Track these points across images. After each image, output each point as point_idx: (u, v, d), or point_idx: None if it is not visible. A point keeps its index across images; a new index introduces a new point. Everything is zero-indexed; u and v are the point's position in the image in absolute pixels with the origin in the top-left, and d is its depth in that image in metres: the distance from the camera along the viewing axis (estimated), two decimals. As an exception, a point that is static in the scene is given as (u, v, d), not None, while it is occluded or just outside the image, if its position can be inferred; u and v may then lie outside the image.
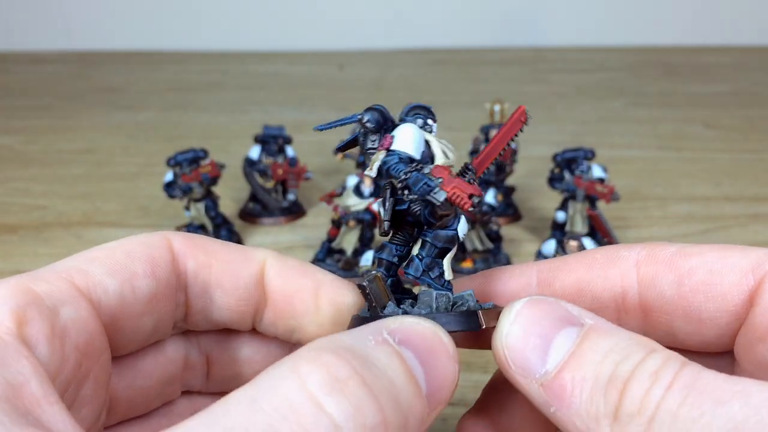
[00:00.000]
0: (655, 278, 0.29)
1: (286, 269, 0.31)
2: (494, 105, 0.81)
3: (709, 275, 0.28)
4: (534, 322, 0.25)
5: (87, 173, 0.92)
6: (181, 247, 0.30)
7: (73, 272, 0.26)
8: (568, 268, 0.31)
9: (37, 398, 0.21)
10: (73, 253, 0.28)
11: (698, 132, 1.08)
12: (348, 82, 1.40)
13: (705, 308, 0.28)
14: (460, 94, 1.30)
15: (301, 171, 0.78)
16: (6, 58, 1.56)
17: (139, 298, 0.28)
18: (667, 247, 0.29)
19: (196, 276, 0.30)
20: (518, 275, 0.32)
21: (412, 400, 0.23)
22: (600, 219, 0.67)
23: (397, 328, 0.24)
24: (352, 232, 0.68)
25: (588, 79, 1.40)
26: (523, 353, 0.25)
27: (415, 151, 0.27)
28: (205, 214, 0.71)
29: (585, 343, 0.24)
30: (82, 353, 0.25)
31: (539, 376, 0.24)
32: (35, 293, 0.24)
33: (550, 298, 0.26)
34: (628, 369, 0.22)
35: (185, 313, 0.31)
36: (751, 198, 0.83)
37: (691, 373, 0.22)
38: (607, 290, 0.30)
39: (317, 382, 0.20)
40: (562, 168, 0.71)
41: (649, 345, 0.24)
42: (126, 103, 1.25)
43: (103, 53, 1.60)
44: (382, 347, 0.23)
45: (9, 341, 0.22)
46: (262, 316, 0.31)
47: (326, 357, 0.21)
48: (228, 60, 1.55)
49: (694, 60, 1.54)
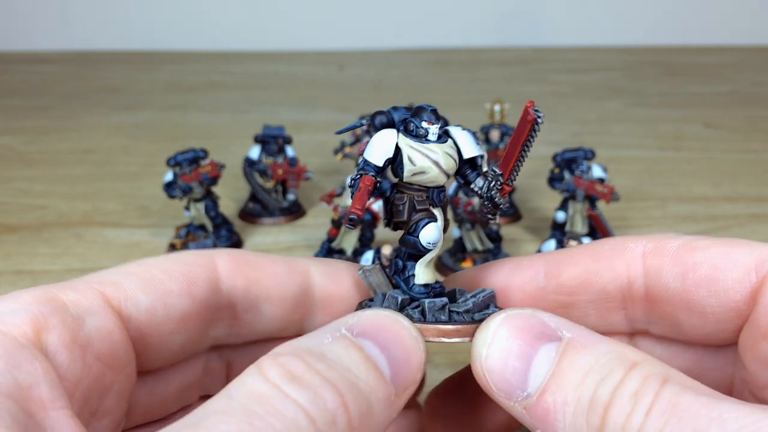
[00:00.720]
0: (661, 271, 0.29)
1: (335, 272, 0.32)
2: (494, 105, 0.81)
3: (713, 270, 0.28)
4: (512, 341, 0.25)
5: (87, 173, 0.92)
6: (227, 266, 0.30)
7: (106, 284, 0.27)
8: (574, 259, 0.31)
9: (44, 402, 0.22)
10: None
11: (698, 132, 1.08)
12: (348, 82, 1.40)
13: (708, 303, 0.28)
14: (460, 94, 1.30)
15: (301, 171, 0.78)
16: (6, 58, 1.56)
17: (171, 316, 0.28)
18: (673, 240, 0.29)
19: (246, 292, 0.30)
20: (526, 266, 0.32)
21: (373, 383, 0.24)
22: (600, 219, 0.67)
23: (355, 323, 0.25)
24: (352, 232, 0.68)
25: (588, 79, 1.40)
26: (503, 376, 0.25)
27: (378, 159, 0.28)
28: (205, 214, 0.71)
29: (564, 361, 0.24)
30: (106, 364, 0.25)
31: (521, 399, 0.25)
32: (60, 301, 0.25)
33: (527, 311, 0.26)
34: (609, 391, 0.23)
35: (229, 327, 0.31)
36: (751, 198, 0.83)
37: (670, 395, 0.22)
38: (614, 281, 0.30)
39: (278, 376, 0.22)
40: (562, 168, 0.71)
41: (629, 358, 0.24)
42: (126, 103, 1.25)
43: (103, 53, 1.60)
44: (338, 341, 0.24)
45: (24, 344, 0.23)
46: (314, 321, 0.32)
47: (283, 358, 0.23)
48: (228, 60, 1.55)
49: (694, 60, 1.54)
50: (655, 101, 1.25)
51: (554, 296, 0.31)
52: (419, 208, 0.28)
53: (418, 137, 0.28)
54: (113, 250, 0.71)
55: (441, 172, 0.28)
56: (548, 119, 1.22)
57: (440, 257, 0.69)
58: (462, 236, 0.68)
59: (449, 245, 0.70)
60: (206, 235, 0.71)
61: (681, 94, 1.29)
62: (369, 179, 0.28)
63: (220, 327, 0.31)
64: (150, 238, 0.74)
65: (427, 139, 0.28)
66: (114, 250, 0.71)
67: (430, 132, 0.28)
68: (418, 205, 0.28)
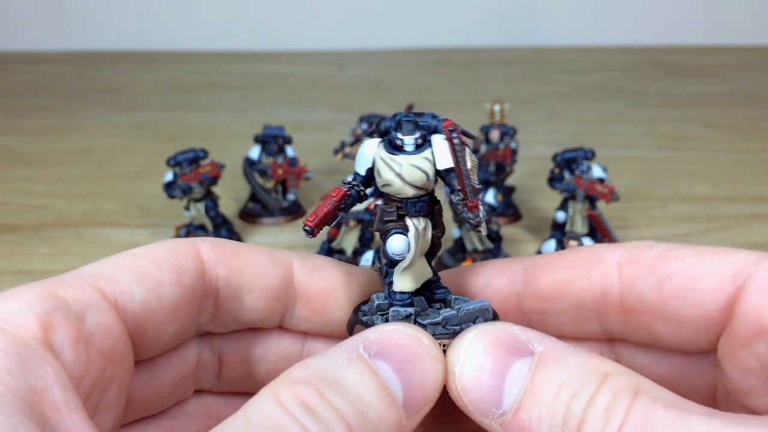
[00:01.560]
0: (635, 281, 0.29)
1: (316, 267, 0.32)
2: (494, 105, 0.81)
3: (687, 280, 0.27)
4: (484, 358, 0.25)
5: (87, 173, 0.92)
6: (211, 254, 0.30)
7: (100, 279, 0.26)
8: (551, 266, 0.31)
9: (57, 405, 0.22)
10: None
11: (698, 132, 1.08)
12: (348, 82, 1.40)
13: (684, 312, 0.28)
14: (460, 94, 1.30)
15: (301, 171, 0.78)
16: (6, 58, 1.56)
17: (164, 306, 0.28)
18: (649, 250, 0.29)
19: (228, 281, 0.30)
20: (506, 270, 0.32)
21: (383, 411, 0.24)
22: (600, 219, 0.67)
23: (375, 339, 0.25)
24: (352, 232, 0.68)
25: (588, 79, 1.40)
26: (478, 394, 0.25)
27: (360, 168, 0.29)
28: (205, 214, 0.71)
29: (537, 377, 0.24)
30: (107, 359, 0.25)
31: (497, 416, 0.25)
32: (61, 298, 0.24)
33: (498, 325, 0.26)
34: (581, 407, 0.23)
35: (212, 316, 0.31)
36: (751, 198, 0.83)
37: (642, 409, 0.22)
38: (588, 291, 0.30)
39: (294, 406, 0.23)
40: (562, 168, 0.71)
41: (600, 370, 0.24)
42: (126, 103, 1.25)
43: (103, 53, 1.60)
44: (354, 365, 0.24)
45: (34, 346, 0.22)
46: (293, 314, 0.32)
47: (298, 387, 0.23)
48: (228, 60, 1.55)
49: (694, 60, 1.54)
50: (655, 101, 1.25)
51: (531, 302, 0.31)
52: (386, 219, 0.29)
53: (395, 148, 0.28)
54: (113, 250, 0.71)
55: (405, 184, 0.28)
56: (548, 119, 1.22)
57: (440, 257, 0.69)
58: (462, 236, 0.68)
59: (449, 245, 0.70)
60: (206, 235, 0.71)
61: (681, 94, 1.29)
62: (339, 190, 0.28)
63: (204, 315, 0.31)
64: (150, 238, 0.74)
65: (403, 150, 0.28)
66: (114, 250, 0.71)
67: (406, 143, 0.28)
68: (385, 216, 0.28)
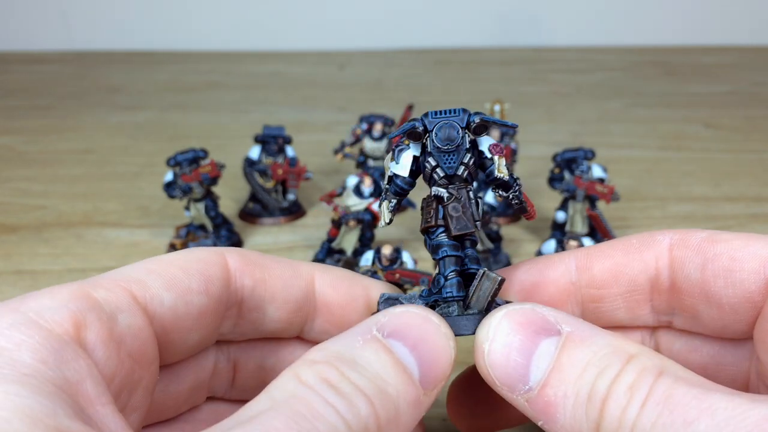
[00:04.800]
0: (684, 262, 0.30)
1: (337, 280, 0.33)
2: (494, 105, 0.81)
3: (730, 261, 0.28)
4: (513, 336, 0.26)
5: (87, 173, 0.92)
6: (237, 265, 0.31)
7: (132, 283, 0.27)
8: (605, 253, 0.32)
9: (90, 398, 0.22)
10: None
11: (698, 132, 1.08)
12: (348, 82, 1.40)
13: (725, 293, 0.28)
14: (460, 94, 1.30)
15: (301, 171, 0.78)
16: (6, 58, 1.56)
17: (191, 314, 0.29)
18: (699, 233, 0.30)
19: (252, 292, 0.31)
20: (558, 262, 0.33)
21: (402, 387, 0.25)
22: (600, 219, 0.67)
23: (386, 321, 0.26)
24: (352, 232, 0.68)
25: (588, 79, 1.40)
26: (506, 371, 0.26)
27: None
28: (205, 214, 0.71)
29: (563, 356, 0.25)
30: (136, 361, 0.26)
31: (524, 392, 0.25)
32: (94, 299, 0.25)
33: (527, 306, 0.27)
34: (606, 384, 0.23)
35: (234, 325, 0.32)
36: (751, 198, 0.83)
37: (664, 387, 0.22)
38: (643, 272, 0.31)
39: (317, 383, 0.23)
40: (562, 168, 0.71)
41: (626, 351, 0.24)
42: (126, 103, 1.25)
43: (103, 53, 1.60)
44: (369, 345, 0.25)
45: (67, 341, 0.23)
46: (312, 325, 0.33)
47: (318, 366, 0.24)
48: (228, 60, 1.55)
49: (694, 60, 1.54)
50: (655, 101, 1.25)
51: (586, 290, 0.32)
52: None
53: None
54: (113, 250, 0.71)
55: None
56: (548, 119, 1.22)
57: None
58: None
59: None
60: (206, 235, 0.71)
61: (681, 94, 1.29)
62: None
63: (226, 324, 0.31)
64: (150, 238, 0.74)
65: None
66: (114, 250, 0.71)
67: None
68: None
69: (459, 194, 0.30)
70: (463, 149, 0.30)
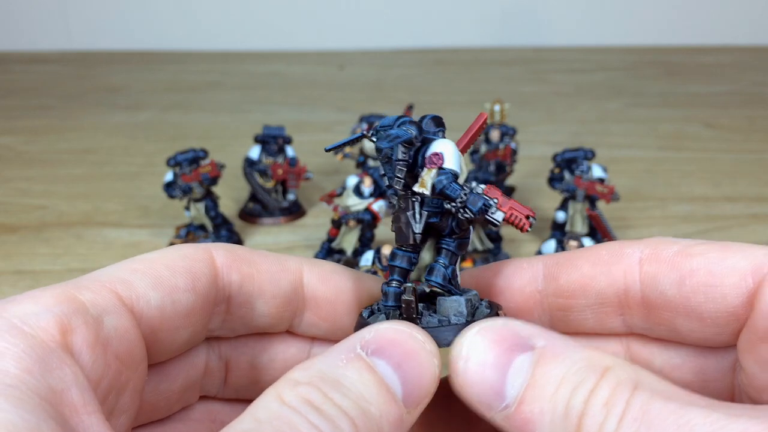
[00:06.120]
0: (657, 277, 0.29)
1: (326, 274, 0.33)
2: (494, 105, 0.81)
3: (710, 276, 0.28)
4: (486, 354, 0.26)
5: (87, 173, 0.92)
6: (224, 261, 0.31)
7: (117, 283, 0.27)
8: (573, 263, 0.31)
9: (76, 406, 0.22)
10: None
11: (698, 132, 1.08)
12: (348, 82, 1.40)
13: (705, 308, 0.28)
14: (460, 94, 1.30)
15: (301, 171, 0.78)
16: (6, 58, 1.56)
17: (179, 312, 0.28)
18: (670, 246, 0.29)
19: (240, 287, 0.31)
20: (525, 269, 0.32)
21: (384, 407, 0.24)
22: (600, 219, 0.67)
23: (371, 339, 0.26)
24: (352, 232, 0.68)
25: (588, 79, 1.40)
26: (481, 388, 0.25)
27: (460, 169, 0.28)
28: (205, 214, 0.71)
29: (538, 371, 0.25)
30: (123, 363, 0.25)
31: (501, 410, 0.25)
32: (80, 301, 0.25)
33: (499, 321, 0.27)
34: (582, 400, 0.23)
35: (223, 321, 0.31)
36: (751, 198, 0.83)
37: (641, 403, 0.22)
38: (611, 287, 0.30)
39: (299, 405, 0.23)
40: (562, 168, 0.71)
41: (600, 364, 0.24)
42: (126, 103, 1.25)
43: (103, 53, 1.60)
44: (352, 364, 0.25)
45: (53, 348, 0.23)
46: (302, 320, 0.33)
47: (301, 388, 0.24)
48: (228, 60, 1.55)
49: (694, 60, 1.54)
50: (655, 101, 1.25)
51: (552, 299, 0.31)
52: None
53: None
54: (113, 250, 0.71)
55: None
56: (548, 119, 1.22)
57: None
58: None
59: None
60: (206, 235, 0.71)
61: (681, 94, 1.29)
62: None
63: (215, 320, 0.31)
64: (150, 238, 0.74)
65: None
66: (114, 250, 0.71)
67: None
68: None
69: (406, 205, 0.29)
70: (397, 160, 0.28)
